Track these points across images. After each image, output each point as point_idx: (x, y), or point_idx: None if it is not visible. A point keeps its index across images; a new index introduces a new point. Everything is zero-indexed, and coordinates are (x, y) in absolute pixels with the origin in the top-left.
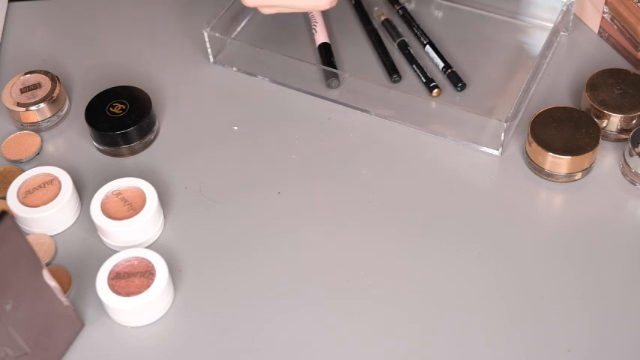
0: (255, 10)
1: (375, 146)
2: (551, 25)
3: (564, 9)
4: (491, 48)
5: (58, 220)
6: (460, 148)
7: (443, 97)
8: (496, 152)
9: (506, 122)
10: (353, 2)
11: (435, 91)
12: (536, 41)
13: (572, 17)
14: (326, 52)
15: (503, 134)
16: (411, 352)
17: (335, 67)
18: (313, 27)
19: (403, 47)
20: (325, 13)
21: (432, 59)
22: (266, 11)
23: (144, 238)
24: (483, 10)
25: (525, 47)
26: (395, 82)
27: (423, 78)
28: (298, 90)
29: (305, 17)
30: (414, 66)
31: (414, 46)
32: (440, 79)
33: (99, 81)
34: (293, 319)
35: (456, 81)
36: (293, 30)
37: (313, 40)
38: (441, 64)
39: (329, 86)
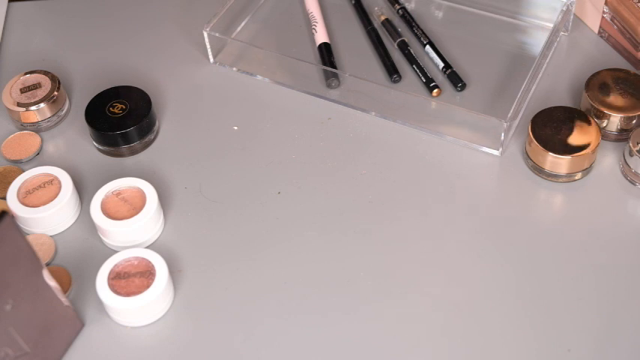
0: (255, 10)
1: (375, 146)
2: (551, 25)
3: (564, 9)
4: (491, 48)
5: (58, 220)
6: (460, 148)
7: (443, 97)
8: (496, 152)
9: (506, 122)
10: (353, 2)
11: (435, 91)
12: (536, 41)
13: (572, 17)
14: (326, 52)
15: (503, 134)
16: (411, 351)
17: (335, 67)
18: (313, 27)
19: (403, 47)
20: (325, 13)
21: (431, 59)
22: None
23: (144, 238)
24: (483, 10)
25: (525, 47)
26: (395, 82)
27: (423, 78)
28: (298, 90)
29: (305, 17)
30: (414, 66)
31: (414, 46)
32: (440, 79)
33: (99, 81)
34: (293, 319)
35: (456, 81)
36: (293, 30)
37: (313, 40)
38: (441, 64)
39: (329, 86)
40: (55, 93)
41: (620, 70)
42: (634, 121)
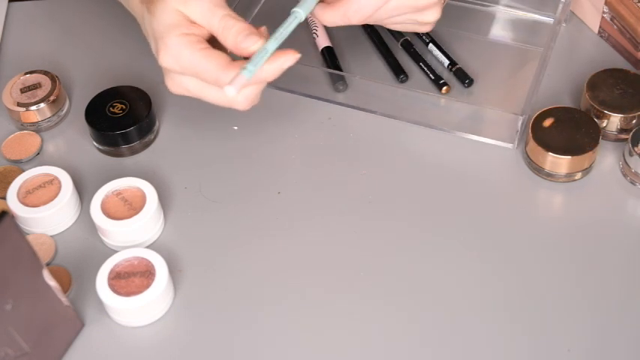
0: (251, 17)
1: (375, 145)
2: (552, 20)
3: (564, 0)
4: (492, 44)
5: (58, 220)
6: (460, 148)
7: (451, 94)
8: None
9: (522, 116)
10: None
11: (445, 88)
12: (537, 34)
13: (570, 7)
14: (330, 56)
15: (518, 127)
16: (410, 352)
17: (341, 71)
18: (314, 31)
19: (407, 47)
20: None
21: (435, 57)
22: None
23: (144, 238)
24: (483, 6)
25: (528, 41)
26: (402, 82)
27: (431, 75)
28: (303, 95)
29: (305, 21)
30: (420, 64)
31: (417, 44)
32: (445, 76)
33: (99, 81)
34: (293, 319)
35: (463, 77)
36: (292, 34)
37: (313, 44)
38: (446, 62)
39: (337, 90)
40: (55, 93)
41: (620, 70)
42: (634, 121)
